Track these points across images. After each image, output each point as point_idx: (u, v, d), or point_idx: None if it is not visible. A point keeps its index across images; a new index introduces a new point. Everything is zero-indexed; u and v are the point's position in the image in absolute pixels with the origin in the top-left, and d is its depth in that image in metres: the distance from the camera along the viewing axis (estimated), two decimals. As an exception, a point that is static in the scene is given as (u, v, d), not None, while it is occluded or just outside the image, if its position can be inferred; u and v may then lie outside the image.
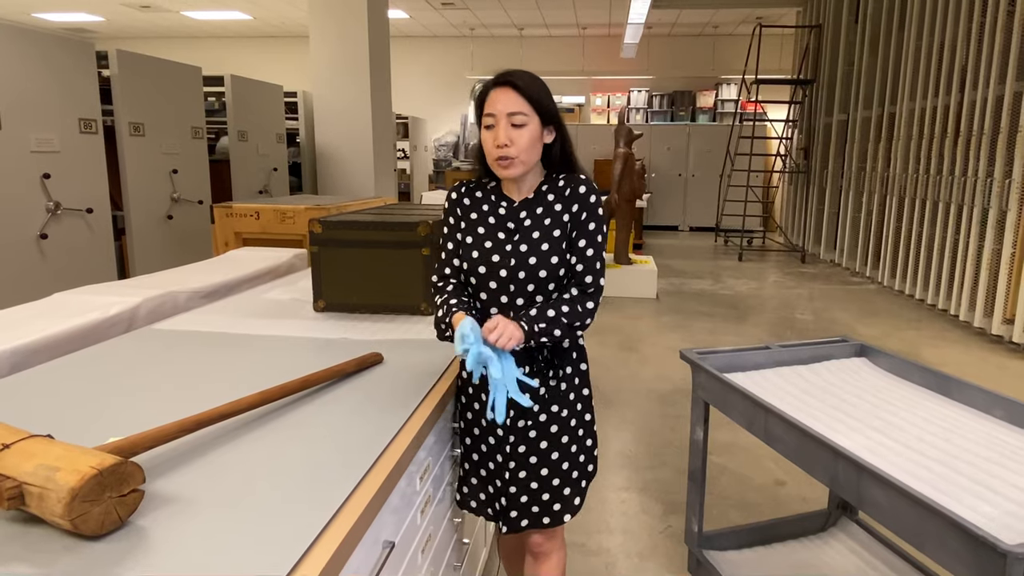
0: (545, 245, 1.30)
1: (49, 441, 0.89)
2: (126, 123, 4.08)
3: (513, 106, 1.25)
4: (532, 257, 1.29)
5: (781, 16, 9.40)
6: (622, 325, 4.94)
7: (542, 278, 1.30)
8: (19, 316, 1.70)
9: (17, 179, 3.36)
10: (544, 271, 1.29)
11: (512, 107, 1.25)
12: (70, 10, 9.46)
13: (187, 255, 4.53)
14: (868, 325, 4.95)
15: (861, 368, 1.91)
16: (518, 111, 1.25)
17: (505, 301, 1.32)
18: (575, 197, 1.31)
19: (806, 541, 2.03)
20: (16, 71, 3.32)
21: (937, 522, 1.10)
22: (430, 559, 1.33)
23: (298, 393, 1.29)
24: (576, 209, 1.30)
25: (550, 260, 1.29)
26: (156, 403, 1.25)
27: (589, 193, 1.31)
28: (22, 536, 0.81)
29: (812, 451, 1.39)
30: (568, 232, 1.31)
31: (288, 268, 2.76)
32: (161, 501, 0.90)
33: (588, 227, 1.30)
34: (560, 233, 1.30)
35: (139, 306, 1.87)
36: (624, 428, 3.17)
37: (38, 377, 1.39)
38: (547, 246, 1.29)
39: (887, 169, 6.34)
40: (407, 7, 9.06)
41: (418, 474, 1.24)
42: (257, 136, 5.51)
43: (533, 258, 1.29)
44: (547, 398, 1.35)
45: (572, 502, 1.39)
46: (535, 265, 1.29)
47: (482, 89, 1.30)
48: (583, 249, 1.29)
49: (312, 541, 0.81)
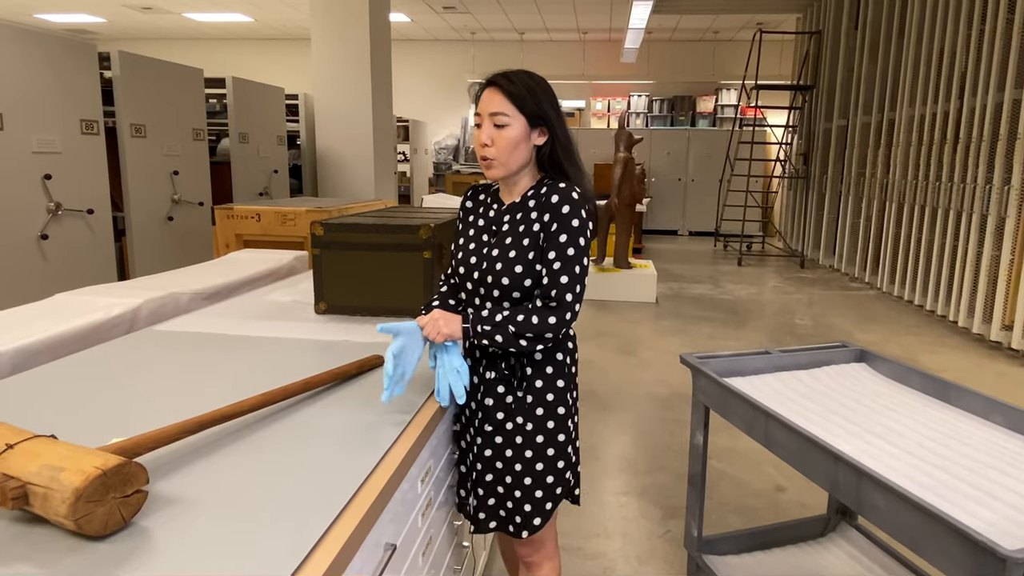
0: (512, 252, 1.27)
1: (53, 441, 0.90)
2: (127, 124, 4.09)
3: (496, 107, 1.26)
4: (499, 263, 1.28)
5: (781, 22, 9.44)
6: (621, 329, 4.94)
7: (505, 285, 1.28)
8: (21, 317, 1.70)
9: (19, 180, 3.36)
10: (507, 279, 1.27)
11: (495, 108, 1.26)
12: (71, 11, 9.48)
13: (187, 256, 4.53)
14: (867, 331, 4.96)
15: (861, 373, 1.92)
16: (500, 111, 1.25)
17: (477, 303, 1.34)
18: (547, 206, 1.26)
19: (805, 546, 2.03)
20: (19, 72, 3.33)
21: (936, 527, 1.10)
22: (431, 562, 1.33)
23: (300, 395, 1.29)
24: (547, 219, 1.26)
25: (514, 268, 1.27)
26: (158, 404, 1.25)
27: (562, 203, 1.25)
28: (26, 536, 0.82)
29: (812, 456, 1.39)
30: (539, 242, 1.27)
31: (289, 270, 2.77)
32: (164, 502, 0.90)
33: (558, 239, 1.24)
34: (529, 242, 1.27)
35: (141, 307, 1.87)
36: (623, 432, 3.17)
37: (40, 377, 1.39)
38: (514, 253, 1.27)
39: (886, 175, 6.36)
40: (408, 10, 9.09)
41: (419, 477, 1.24)
42: (258, 138, 5.52)
43: (499, 263, 1.28)
44: (512, 408, 1.33)
45: (532, 520, 1.34)
46: (499, 271, 1.28)
47: (479, 88, 1.31)
48: (551, 262, 1.25)
49: (315, 544, 0.82)
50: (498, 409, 1.34)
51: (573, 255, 1.25)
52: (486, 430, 1.35)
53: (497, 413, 1.34)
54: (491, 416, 1.34)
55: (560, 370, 1.34)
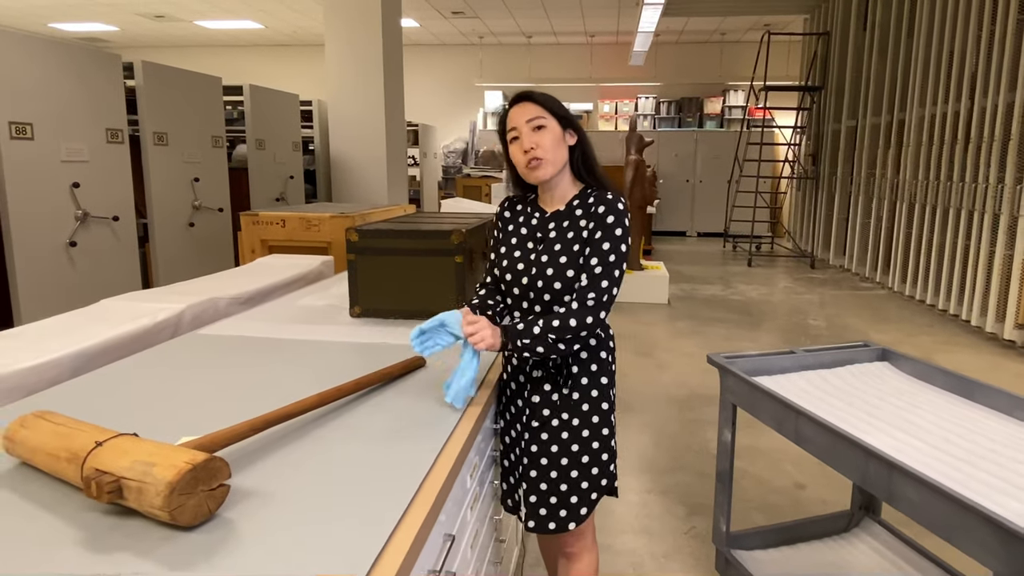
0: (563, 258, 1.34)
1: (137, 439, 0.96)
2: (150, 133, 4.17)
3: (531, 114, 1.35)
4: (549, 268, 1.34)
5: (789, 23, 9.48)
6: (636, 331, 4.99)
7: (557, 289, 1.34)
8: (73, 322, 1.77)
9: (49, 188, 3.45)
10: (559, 283, 1.34)
11: (530, 114, 1.35)
12: (85, 20, 9.60)
13: (208, 262, 4.61)
14: (881, 331, 4.99)
15: (884, 372, 1.96)
16: (536, 116, 1.34)
17: (525, 307, 1.40)
18: (594, 216, 1.34)
19: (830, 541, 2.07)
20: (49, 83, 3.41)
21: (969, 517, 1.15)
22: (476, 555, 1.38)
23: (351, 395, 1.35)
24: (592, 227, 1.34)
25: (566, 273, 1.33)
26: (215, 404, 1.31)
27: (608, 214, 1.33)
28: (120, 527, 0.87)
29: (843, 451, 1.44)
30: (584, 249, 1.34)
31: (317, 275, 2.83)
32: (243, 495, 0.95)
33: (601, 246, 1.32)
34: (579, 248, 1.34)
35: (184, 312, 1.94)
36: (644, 433, 3.21)
37: (101, 380, 1.45)
38: (565, 259, 1.34)
39: (896, 175, 6.38)
40: (417, 16, 9.16)
41: (468, 472, 1.30)
42: (274, 144, 5.60)
43: (550, 269, 1.34)
44: (559, 405, 1.39)
45: (579, 511, 1.40)
46: (551, 276, 1.34)
47: (502, 113, 1.40)
48: (592, 267, 1.32)
49: (389, 534, 0.87)
50: (544, 406, 1.40)
51: (614, 260, 1.32)
52: (533, 426, 1.40)
53: (543, 410, 1.40)
54: (538, 413, 1.40)
55: (603, 368, 1.41)
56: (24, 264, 3.34)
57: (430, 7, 8.68)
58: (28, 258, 3.36)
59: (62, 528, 0.87)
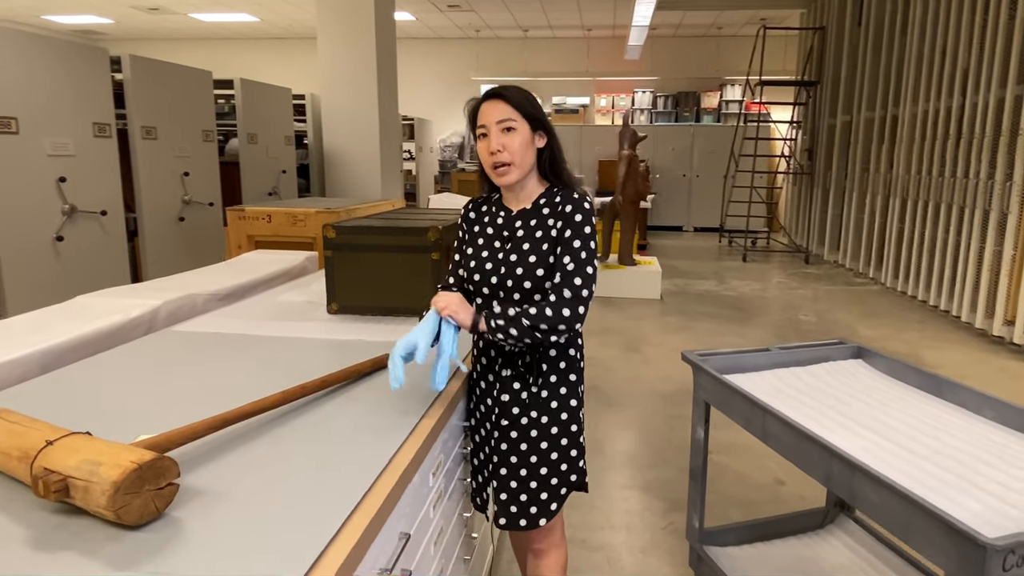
0: (532, 257, 1.35)
1: (89, 438, 0.96)
2: (139, 127, 4.16)
3: (501, 114, 1.33)
4: (519, 267, 1.35)
5: (785, 18, 9.44)
6: (625, 326, 4.99)
7: (527, 288, 1.35)
8: (46, 319, 1.77)
9: (34, 183, 3.44)
10: (528, 281, 1.34)
11: (500, 115, 1.33)
12: (79, 12, 9.56)
13: (198, 256, 4.61)
14: (870, 327, 4.99)
15: (858, 370, 1.97)
16: (507, 118, 1.33)
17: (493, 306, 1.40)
18: (562, 215, 1.34)
19: (805, 538, 2.09)
20: (33, 76, 3.40)
21: (923, 517, 1.16)
22: (441, 551, 1.39)
23: (317, 392, 1.35)
24: (561, 226, 1.34)
25: (535, 271, 1.34)
26: (181, 402, 1.31)
27: (575, 212, 1.34)
28: (67, 526, 0.88)
29: (808, 450, 1.44)
30: (554, 248, 1.35)
31: (300, 271, 2.83)
32: (194, 494, 0.96)
33: (572, 244, 1.33)
34: (548, 247, 1.35)
35: (159, 309, 1.94)
36: (627, 428, 3.23)
37: (68, 377, 1.46)
38: (534, 258, 1.34)
39: (890, 171, 6.38)
40: (413, 9, 9.13)
41: (431, 470, 1.30)
42: (266, 138, 5.59)
43: (519, 268, 1.35)
44: (528, 403, 1.40)
45: (549, 507, 1.42)
46: (521, 275, 1.34)
47: (474, 105, 1.39)
48: (564, 265, 1.33)
49: (334, 534, 0.87)
50: (514, 404, 1.40)
51: (585, 258, 1.33)
52: (502, 424, 1.41)
53: (513, 408, 1.40)
54: (507, 411, 1.41)
55: (572, 365, 1.42)
56: (9, 260, 3.34)
57: (426, 0, 8.64)
58: (14, 253, 3.35)
59: (8, 526, 0.87)
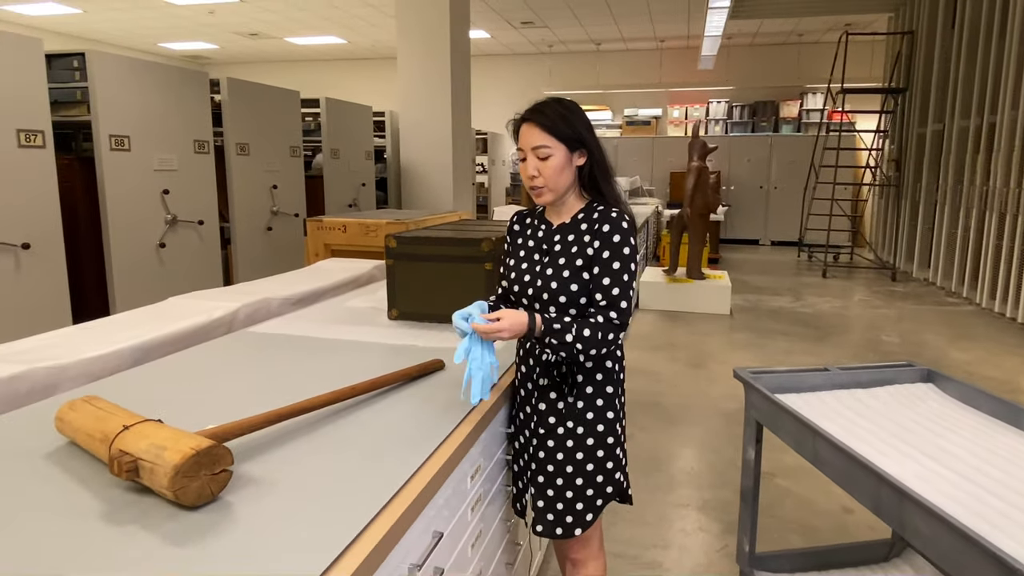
0: (567, 272, 1.36)
1: (159, 425, 1.08)
2: (233, 143, 4.50)
3: (536, 140, 1.35)
4: (554, 281, 1.37)
5: (871, 23, 8.99)
6: (692, 341, 4.89)
7: (562, 303, 1.37)
8: (140, 317, 1.96)
9: (143, 195, 3.80)
10: (563, 296, 1.36)
11: (535, 141, 1.35)
12: (190, 40, 10.42)
13: (283, 263, 4.91)
14: (962, 349, 4.65)
15: (927, 394, 1.86)
16: (541, 144, 1.34)
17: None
18: (599, 235, 1.35)
19: (866, 570, 1.98)
20: (144, 99, 3.76)
21: (974, 551, 1.10)
22: (480, 554, 1.43)
23: (366, 393, 1.44)
24: (598, 246, 1.35)
25: (570, 287, 1.36)
26: (249, 396, 1.43)
27: (613, 233, 1.34)
28: (136, 503, 0.99)
29: (856, 474, 1.39)
30: (589, 265, 1.36)
31: (369, 278, 2.97)
32: (247, 481, 1.05)
33: (612, 266, 1.34)
34: (583, 263, 1.36)
35: (238, 311, 2.11)
36: (688, 446, 3.16)
37: (155, 370, 1.61)
38: (568, 273, 1.36)
39: (986, 183, 5.93)
40: (488, 27, 9.35)
41: (469, 473, 1.35)
42: (348, 153, 5.89)
43: (555, 282, 1.37)
44: (564, 413, 1.41)
45: (584, 518, 1.42)
46: (556, 289, 1.37)
47: (514, 125, 1.42)
48: (607, 287, 1.33)
49: (365, 525, 0.94)
50: (550, 414, 1.43)
51: (627, 280, 1.35)
52: (540, 433, 1.44)
53: (549, 417, 1.43)
54: (544, 420, 1.44)
55: (609, 376, 1.43)
56: (119, 263, 3.70)
57: (500, 18, 8.83)
58: (123, 257, 3.71)
59: (88, 500, 0.99)
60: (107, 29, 9.62)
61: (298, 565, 0.83)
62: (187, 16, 8.79)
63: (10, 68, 2.93)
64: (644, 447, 3.13)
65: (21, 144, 3.00)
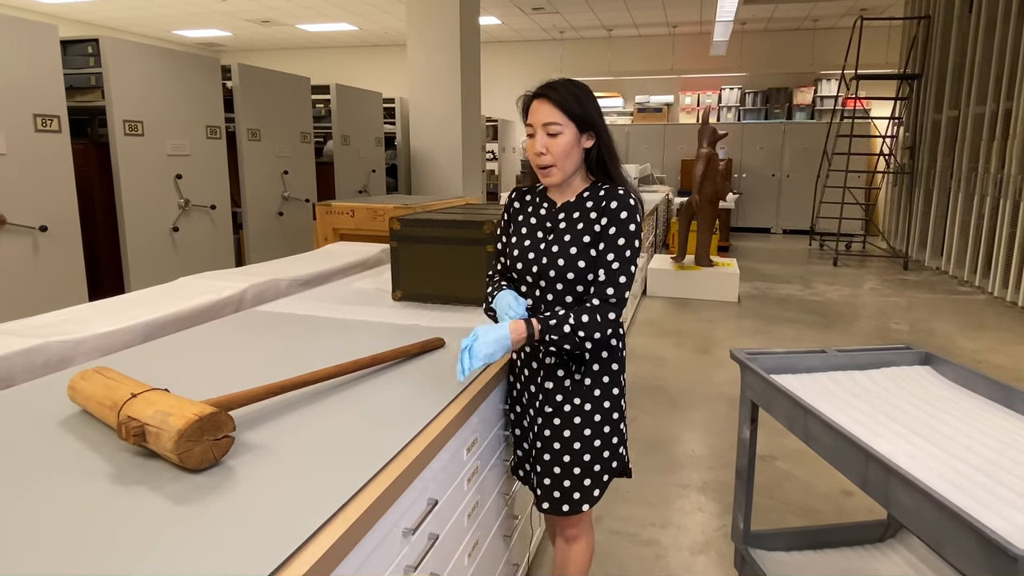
0: (573, 248, 1.37)
1: (165, 393, 1.12)
2: (245, 129, 4.55)
3: (548, 117, 1.35)
4: (560, 259, 1.38)
5: (888, 7, 8.84)
6: (699, 328, 4.90)
7: (570, 279, 1.38)
8: (152, 295, 2.02)
9: (156, 179, 3.86)
10: (571, 273, 1.37)
11: (547, 118, 1.35)
12: (204, 27, 10.48)
13: (294, 247, 4.97)
14: (972, 338, 4.63)
15: (923, 376, 1.88)
16: (552, 121, 1.34)
17: (538, 295, 1.44)
18: (607, 211, 1.36)
19: (861, 550, 2.01)
20: (157, 85, 3.81)
21: (956, 526, 1.12)
22: (477, 524, 1.48)
23: (368, 368, 1.48)
24: (605, 222, 1.36)
25: (577, 263, 1.36)
26: (253, 370, 1.48)
27: (620, 209, 1.35)
28: (143, 466, 1.04)
29: (845, 452, 1.42)
30: (596, 242, 1.37)
31: (376, 261, 3.02)
32: (249, 447, 1.10)
33: (617, 241, 1.34)
34: (590, 239, 1.37)
35: (247, 291, 2.16)
36: (690, 429, 3.19)
37: (164, 345, 1.67)
38: (575, 250, 1.37)
39: (1001, 170, 5.85)
40: (499, 13, 9.31)
41: (466, 445, 1.39)
42: (358, 140, 5.93)
43: (561, 259, 1.38)
44: (571, 390, 1.43)
45: (591, 493, 1.45)
46: (563, 266, 1.37)
47: (525, 101, 1.41)
48: (609, 262, 1.35)
49: (361, 486, 0.98)
50: (557, 392, 1.45)
51: (630, 256, 1.36)
52: (546, 411, 1.46)
53: (556, 395, 1.45)
54: (551, 398, 1.45)
55: (614, 353, 1.46)
56: (134, 246, 3.77)
57: (511, 4, 8.79)
58: (137, 241, 3.79)
59: (97, 463, 1.04)
60: (123, 16, 9.70)
61: (293, 523, 0.88)
62: (200, 3, 8.84)
63: (26, 54, 2.99)
64: (647, 430, 3.16)
65: (38, 129, 3.06)
